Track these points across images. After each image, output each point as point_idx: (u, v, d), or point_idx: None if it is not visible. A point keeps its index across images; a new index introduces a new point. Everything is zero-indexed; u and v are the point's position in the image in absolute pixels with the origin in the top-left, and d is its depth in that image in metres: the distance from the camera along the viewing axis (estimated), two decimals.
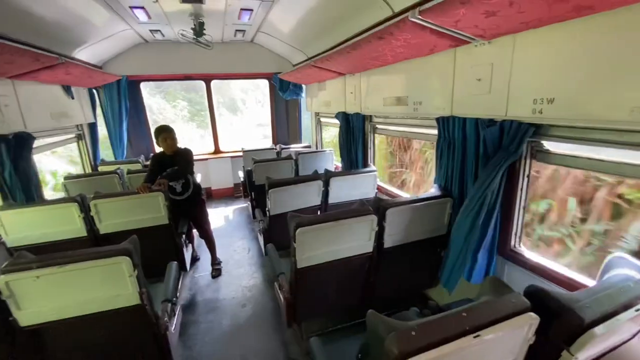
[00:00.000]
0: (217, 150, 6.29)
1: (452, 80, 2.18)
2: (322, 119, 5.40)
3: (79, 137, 4.35)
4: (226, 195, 6.29)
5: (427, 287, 2.70)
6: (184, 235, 3.07)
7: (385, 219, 2.08)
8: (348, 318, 2.59)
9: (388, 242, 2.17)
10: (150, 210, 2.70)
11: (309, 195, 3.09)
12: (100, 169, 4.41)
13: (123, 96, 4.95)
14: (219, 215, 5.36)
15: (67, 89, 3.88)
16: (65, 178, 3.50)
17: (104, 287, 1.61)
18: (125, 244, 1.62)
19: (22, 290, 1.48)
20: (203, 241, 3.57)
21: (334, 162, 4.74)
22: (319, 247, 1.97)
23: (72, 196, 2.66)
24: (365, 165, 3.71)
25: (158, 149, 3.15)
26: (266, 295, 3.15)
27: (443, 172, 2.34)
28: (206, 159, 5.99)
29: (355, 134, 3.71)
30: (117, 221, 2.66)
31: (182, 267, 2.88)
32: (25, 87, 3.05)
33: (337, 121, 4.18)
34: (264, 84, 6.28)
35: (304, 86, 5.74)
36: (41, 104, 3.34)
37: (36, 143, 3.09)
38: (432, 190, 2.37)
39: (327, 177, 3.14)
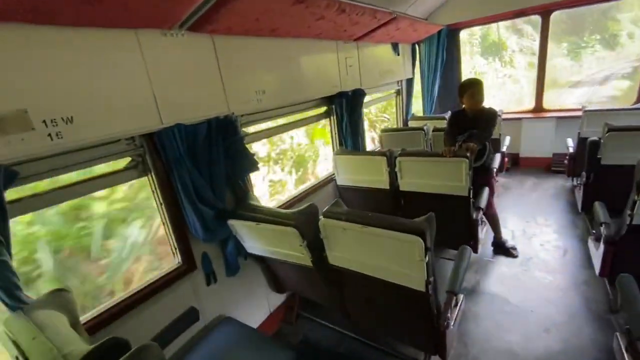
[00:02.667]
0: (538, 108, 4.87)
1: None
2: None
3: (398, 92, 4.72)
4: (539, 167, 4.92)
5: None
6: (481, 212, 2.56)
7: None
8: None
9: None
10: (449, 177, 2.39)
11: None
12: (410, 123, 4.64)
13: (441, 48, 4.77)
14: (523, 191, 4.28)
15: (394, 46, 4.16)
16: (382, 131, 3.93)
17: (393, 259, 1.49)
18: (421, 222, 1.37)
19: (332, 235, 1.66)
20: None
21: None
22: None
23: (382, 150, 2.86)
24: None
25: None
26: (586, 335, 2.08)
27: None
28: (520, 119, 4.83)
29: None
30: (415, 181, 2.58)
31: (474, 249, 2.45)
32: (363, 49, 3.48)
33: None
34: None
35: None
36: (373, 62, 3.74)
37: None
38: None
39: None
